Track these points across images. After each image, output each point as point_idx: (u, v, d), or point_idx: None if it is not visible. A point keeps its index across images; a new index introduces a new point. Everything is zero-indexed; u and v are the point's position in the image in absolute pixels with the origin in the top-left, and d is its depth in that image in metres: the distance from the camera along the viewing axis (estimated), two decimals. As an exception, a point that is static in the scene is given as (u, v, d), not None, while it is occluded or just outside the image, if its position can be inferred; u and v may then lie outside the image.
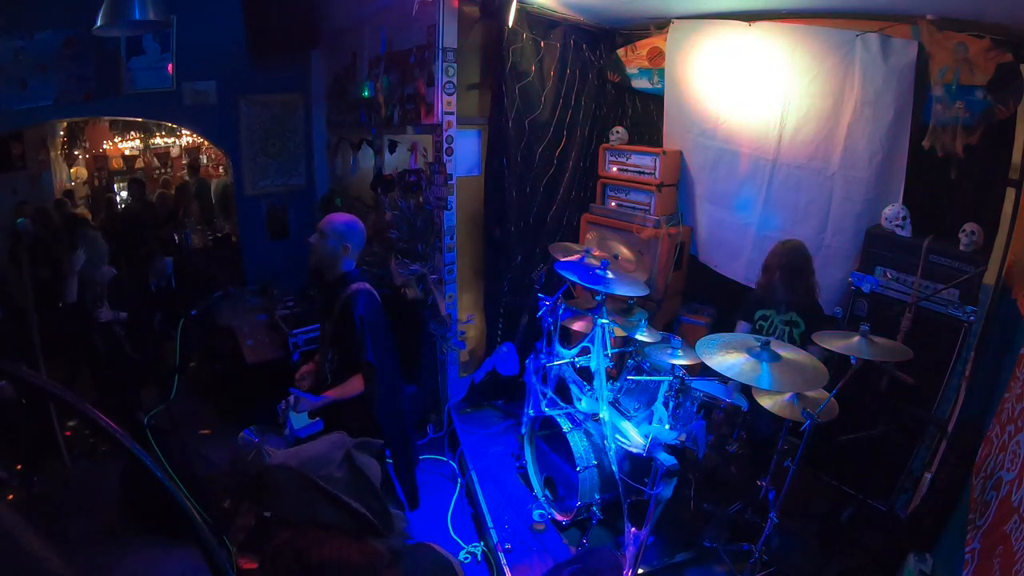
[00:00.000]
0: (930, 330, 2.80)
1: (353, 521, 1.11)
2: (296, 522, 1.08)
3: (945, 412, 2.77)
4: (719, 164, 3.76)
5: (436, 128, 3.76)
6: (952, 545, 2.00)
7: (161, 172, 8.37)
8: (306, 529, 1.08)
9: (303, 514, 1.09)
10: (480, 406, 4.19)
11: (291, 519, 1.09)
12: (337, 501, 1.10)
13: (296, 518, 1.09)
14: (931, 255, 2.80)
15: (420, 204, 4.03)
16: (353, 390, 2.41)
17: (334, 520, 1.10)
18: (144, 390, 3.94)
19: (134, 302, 3.87)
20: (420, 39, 3.79)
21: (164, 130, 8.22)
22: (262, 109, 5.31)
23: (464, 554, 3.02)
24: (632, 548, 2.48)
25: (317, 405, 2.42)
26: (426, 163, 4.00)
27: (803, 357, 2.30)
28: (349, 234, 2.44)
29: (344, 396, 2.41)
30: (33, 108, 4.24)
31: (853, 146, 3.12)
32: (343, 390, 2.42)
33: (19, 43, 4.03)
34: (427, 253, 4.03)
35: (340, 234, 2.42)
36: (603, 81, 4.31)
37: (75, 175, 7.34)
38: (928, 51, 2.77)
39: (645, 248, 3.90)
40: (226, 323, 4.33)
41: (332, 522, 1.10)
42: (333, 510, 1.10)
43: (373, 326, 2.40)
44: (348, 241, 2.43)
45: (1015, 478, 1.62)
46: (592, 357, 2.84)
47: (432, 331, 4.05)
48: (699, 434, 2.52)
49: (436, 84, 3.66)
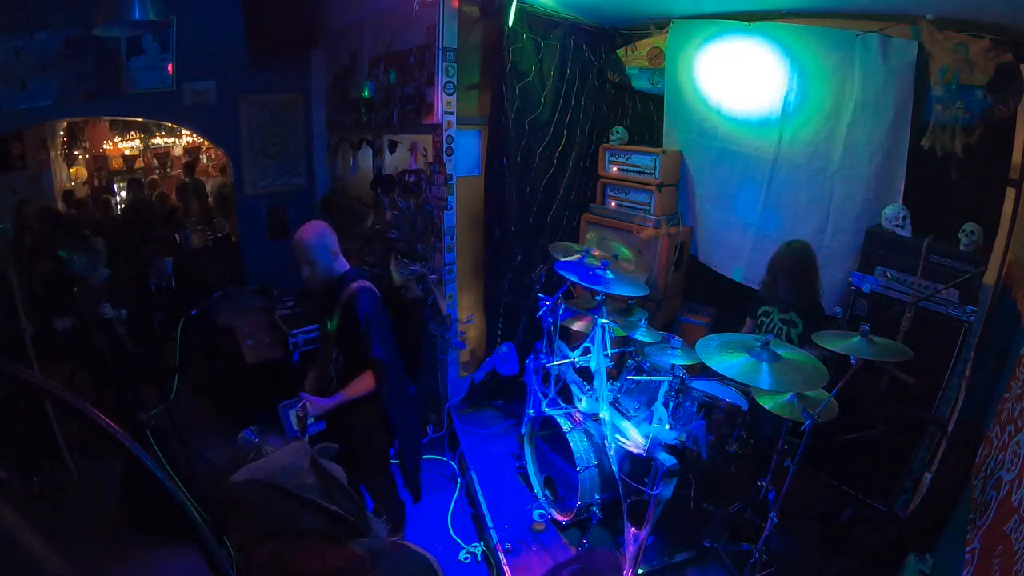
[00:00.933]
0: (930, 330, 2.80)
1: (334, 525, 1.11)
2: (275, 533, 1.08)
3: (945, 412, 2.77)
4: (719, 164, 3.76)
5: (436, 128, 3.76)
6: (952, 545, 2.00)
7: (161, 172, 8.36)
8: (287, 539, 1.07)
9: (281, 525, 1.08)
10: (480, 406, 4.19)
11: (269, 532, 1.08)
12: (315, 506, 1.09)
13: (274, 530, 1.08)
14: (931, 255, 2.80)
15: (420, 204, 4.03)
16: (364, 388, 2.42)
17: (314, 526, 1.09)
18: (144, 390, 3.94)
19: (133, 301, 3.87)
20: (420, 39, 3.79)
21: (164, 130, 8.22)
22: (262, 109, 5.31)
23: (464, 554, 3.02)
24: (632, 548, 2.48)
25: (328, 408, 2.41)
26: (426, 163, 4.00)
27: (803, 357, 2.30)
28: (322, 240, 2.42)
29: (355, 396, 2.41)
30: (33, 108, 4.23)
31: (853, 146, 3.12)
32: (353, 389, 2.42)
33: (19, 43, 4.03)
34: (427, 253, 4.03)
35: (316, 247, 2.41)
36: (603, 81, 4.31)
37: (75, 175, 7.33)
38: (928, 51, 2.77)
39: (645, 248, 3.90)
40: (226, 323, 4.33)
41: (312, 528, 1.09)
42: (312, 516, 1.09)
43: (378, 323, 2.41)
44: (328, 245, 2.43)
45: (1015, 478, 1.62)
46: (592, 357, 2.84)
47: (432, 331, 4.06)
48: (699, 434, 2.52)
49: (436, 84, 3.66)
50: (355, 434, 2.58)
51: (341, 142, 5.43)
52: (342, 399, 2.41)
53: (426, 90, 3.79)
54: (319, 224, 2.49)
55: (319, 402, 2.40)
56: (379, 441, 2.66)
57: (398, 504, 2.87)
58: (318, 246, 2.42)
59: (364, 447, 2.66)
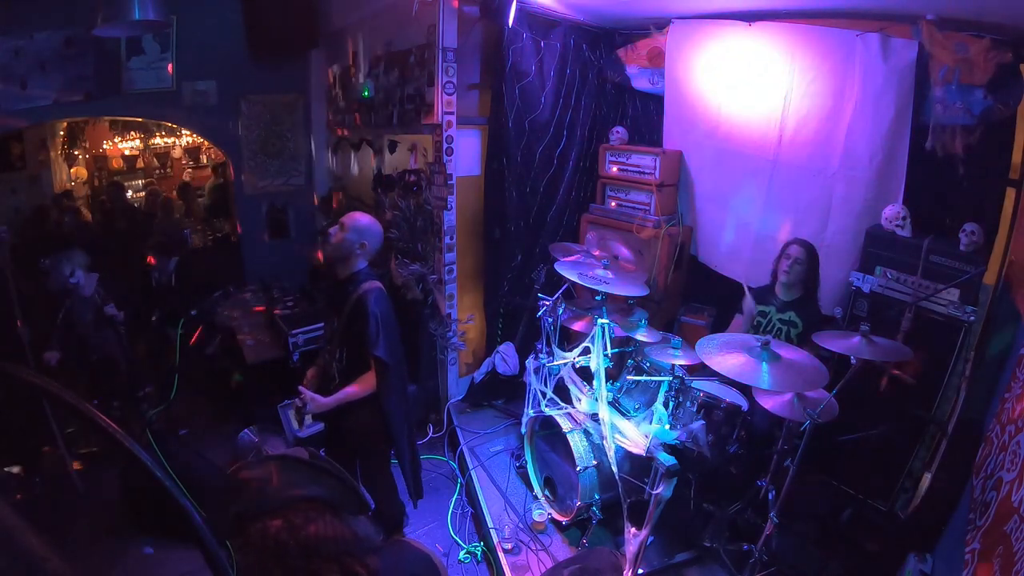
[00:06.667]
0: (930, 330, 2.80)
1: (338, 492, 1.13)
2: (284, 505, 1.09)
3: (945, 412, 2.77)
4: (719, 164, 3.76)
5: (436, 128, 3.76)
6: (952, 545, 2.00)
7: (161, 172, 8.36)
8: (297, 508, 1.08)
9: (288, 494, 1.10)
10: (480, 406, 4.19)
11: (277, 505, 1.09)
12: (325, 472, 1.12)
13: (282, 501, 1.09)
14: (931, 255, 2.80)
15: (420, 204, 4.03)
16: (366, 388, 2.42)
17: (319, 493, 1.11)
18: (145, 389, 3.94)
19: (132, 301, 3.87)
20: (420, 39, 3.79)
21: (164, 130, 8.22)
22: (262, 109, 5.31)
23: (464, 554, 3.02)
24: (632, 548, 2.47)
25: (328, 405, 2.41)
26: (426, 163, 4.00)
27: (803, 357, 2.30)
28: (368, 232, 2.49)
29: (358, 395, 2.42)
30: (33, 108, 4.24)
31: (853, 146, 3.12)
32: (356, 389, 2.42)
33: (19, 43, 4.03)
34: (427, 253, 4.04)
35: (360, 230, 2.46)
36: (603, 81, 4.31)
37: (75, 175, 7.33)
38: (928, 51, 2.76)
39: (645, 248, 3.90)
40: (226, 323, 4.33)
41: (318, 496, 1.11)
42: (317, 486, 1.12)
43: (387, 323, 2.41)
44: (366, 239, 2.47)
45: (1015, 478, 1.62)
46: (592, 357, 2.84)
47: (432, 331, 4.06)
48: (699, 434, 2.52)
49: (436, 84, 3.66)
50: (355, 434, 2.58)
51: (341, 142, 5.43)
52: (342, 397, 2.41)
53: (426, 90, 3.78)
54: (378, 224, 2.56)
55: (319, 399, 2.40)
56: (379, 442, 2.65)
57: (398, 505, 2.87)
58: (358, 228, 2.46)
59: (364, 448, 2.66)
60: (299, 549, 1.02)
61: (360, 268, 2.50)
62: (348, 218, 2.49)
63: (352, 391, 2.42)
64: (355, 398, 2.42)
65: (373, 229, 2.51)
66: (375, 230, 2.52)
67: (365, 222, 2.50)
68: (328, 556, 1.04)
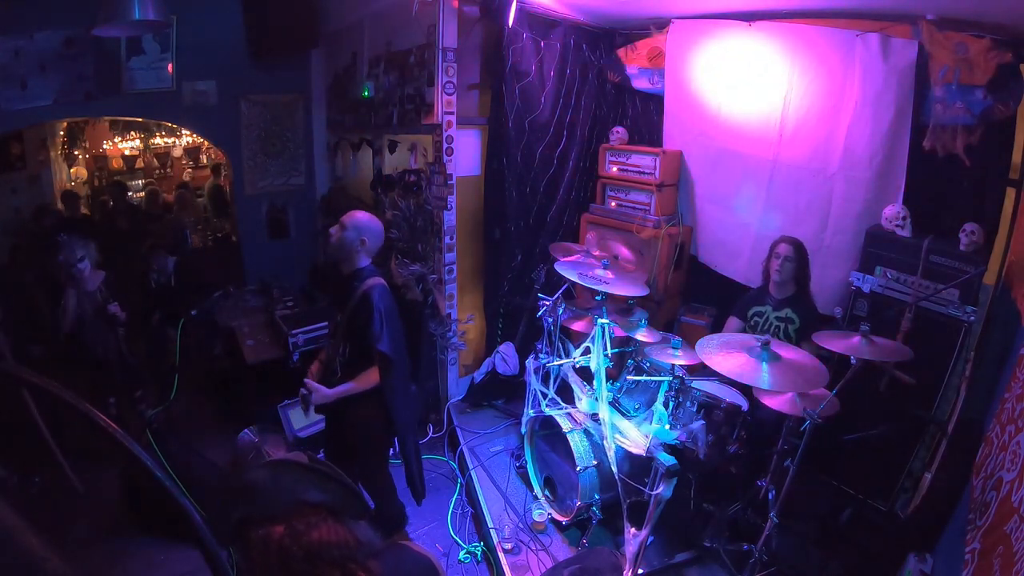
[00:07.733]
0: (930, 330, 2.80)
1: (340, 497, 1.14)
2: (286, 510, 1.09)
3: (945, 412, 2.77)
4: (719, 164, 3.76)
5: (436, 128, 3.76)
6: (952, 545, 2.00)
7: (161, 172, 8.36)
8: (299, 513, 1.09)
9: (291, 499, 1.10)
10: (480, 406, 4.19)
11: (280, 510, 1.10)
12: (325, 477, 1.13)
13: (284, 506, 1.10)
14: (931, 255, 2.80)
15: (420, 204, 4.03)
16: (369, 383, 2.45)
17: (322, 500, 1.12)
18: (144, 390, 3.94)
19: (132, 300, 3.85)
20: (420, 39, 3.79)
21: (164, 130, 8.22)
22: (262, 109, 5.31)
23: (464, 554, 3.02)
24: (632, 548, 2.47)
25: (331, 397, 2.45)
26: (426, 163, 4.00)
27: (803, 357, 2.30)
28: (367, 229, 2.52)
29: (360, 389, 2.45)
30: (33, 108, 4.23)
31: (853, 146, 3.12)
32: (359, 383, 2.46)
33: (19, 43, 4.03)
34: (427, 253, 4.04)
35: (359, 227, 2.50)
36: (603, 81, 4.31)
37: (75, 175, 7.33)
38: (928, 51, 2.76)
39: (645, 248, 3.90)
40: (226, 323, 4.33)
41: (320, 502, 1.11)
42: (319, 492, 1.13)
43: (390, 319, 2.45)
44: (365, 235, 2.50)
45: (1015, 478, 1.61)
46: (592, 357, 2.84)
47: (432, 331, 4.06)
48: (699, 434, 2.52)
49: (436, 84, 3.66)
50: (356, 431, 2.60)
51: (341, 142, 5.43)
52: (344, 390, 2.45)
53: (426, 90, 3.79)
54: (377, 221, 2.60)
55: (323, 390, 2.44)
56: (380, 439, 2.67)
57: (397, 505, 2.87)
58: (357, 225, 2.49)
59: (364, 445, 2.66)
60: (303, 555, 1.02)
61: (363, 265, 2.53)
62: (347, 216, 2.53)
63: (355, 385, 2.45)
64: (357, 391, 2.45)
65: (372, 226, 2.54)
66: (374, 227, 2.55)
67: (364, 219, 2.53)
68: (331, 561, 1.04)
